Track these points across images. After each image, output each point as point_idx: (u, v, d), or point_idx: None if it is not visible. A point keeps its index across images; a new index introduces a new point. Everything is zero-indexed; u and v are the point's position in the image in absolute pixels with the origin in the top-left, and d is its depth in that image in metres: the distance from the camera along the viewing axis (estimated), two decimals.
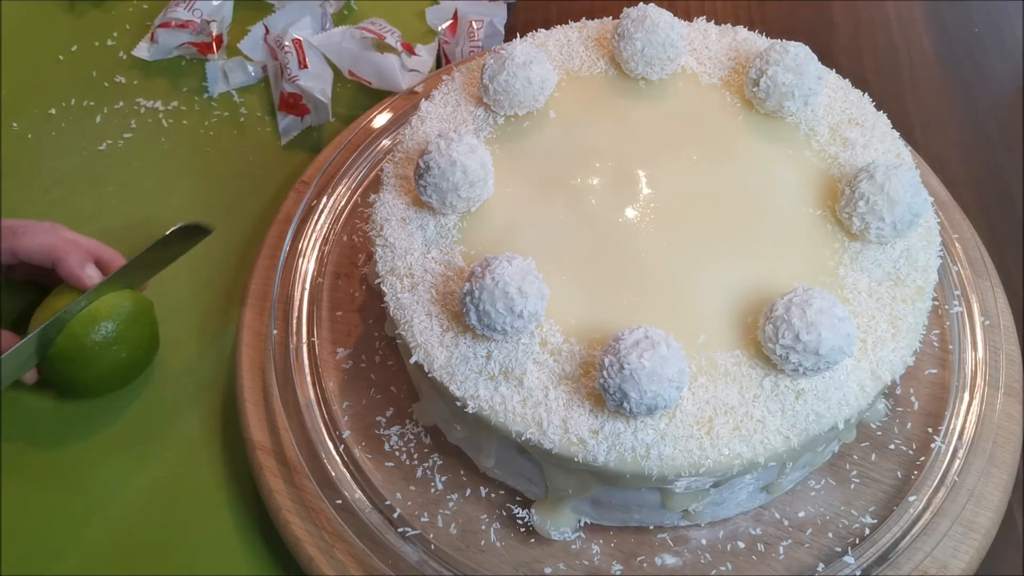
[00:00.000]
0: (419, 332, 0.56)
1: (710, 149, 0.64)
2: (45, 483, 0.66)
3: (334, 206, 0.75)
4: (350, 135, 0.80)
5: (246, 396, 0.66)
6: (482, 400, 0.54)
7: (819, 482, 0.63)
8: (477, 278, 0.53)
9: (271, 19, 0.89)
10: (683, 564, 0.60)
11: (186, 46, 0.90)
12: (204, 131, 0.87)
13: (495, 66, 0.63)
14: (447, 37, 0.92)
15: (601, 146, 0.64)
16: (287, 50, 0.85)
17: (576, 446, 0.52)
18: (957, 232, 0.72)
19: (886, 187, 0.56)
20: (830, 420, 0.53)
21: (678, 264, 0.58)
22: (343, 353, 0.69)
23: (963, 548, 0.59)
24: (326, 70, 0.86)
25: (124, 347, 0.66)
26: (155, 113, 0.88)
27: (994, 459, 0.62)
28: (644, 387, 0.49)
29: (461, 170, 0.57)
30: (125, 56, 0.92)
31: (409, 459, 0.64)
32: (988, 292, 0.69)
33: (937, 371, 0.67)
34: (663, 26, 0.64)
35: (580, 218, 0.60)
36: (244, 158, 0.85)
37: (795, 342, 0.51)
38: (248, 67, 0.90)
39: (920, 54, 0.95)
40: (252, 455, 0.64)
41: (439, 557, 0.59)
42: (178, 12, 0.90)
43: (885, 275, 0.58)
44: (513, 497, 0.63)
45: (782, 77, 0.62)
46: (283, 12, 0.90)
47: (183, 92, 0.89)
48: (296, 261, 0.71)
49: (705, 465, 0.51)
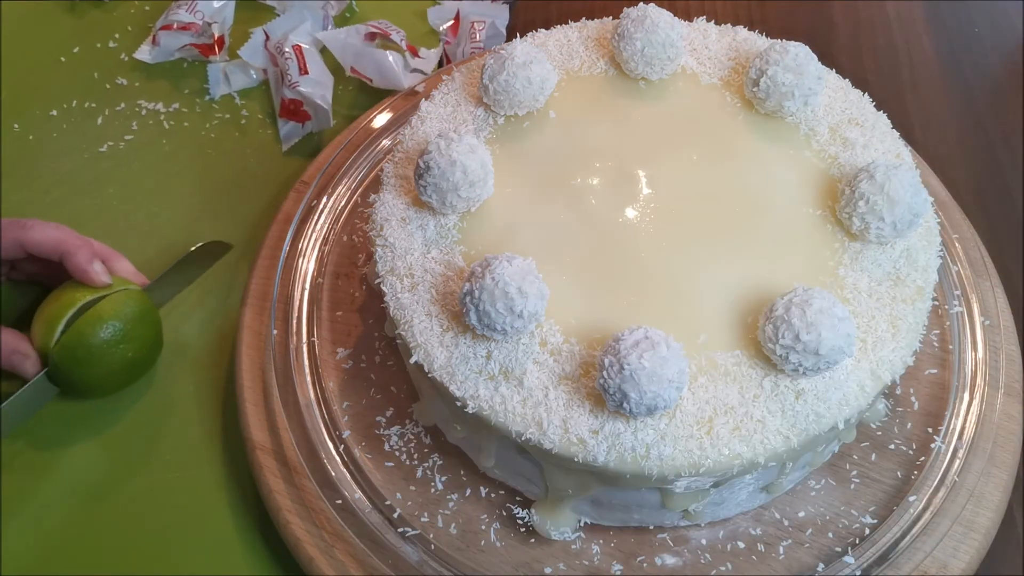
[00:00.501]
0: (419, 332, 0.56)
1: (710, 149, 0.64)
2: (45, 483, 0.66)
3: (334, 206, 0.75)
4: (350, 135, 0.80)
5: (246, 396, 0.66)
6: (482, 400, 0.54)
7: (819, 482, 0.63)
8: (477, 278, 0.53)
9: (271, 25, 0.89)
10: (683, 564, 0.60)
11: (188, 48, 0.90)
12: (205, 133, 0.87)
13: (495, 66, 0.63)
14: (448, 37, 0.92)
15: (601, 146, 0.64)
16: (287, 56, 0.85)
17: (576, 446, 0.52)
18: (957, 232, 0.72)
19: (886, 187, 0.56)
20: (830, 420, 0.53)
21: (678, 264, 0.58)
22: (343, 353, 0.69)
23: (963, 548, 0.59)
24: (326, 75, 0.86)
25: (130, 346, 0.66)
26: (156, 115, 0.88)
27: (994, 459, 0.62)
28: (644, 388, 0.49)
29: (461, 170, 0.57)
30: (127, 58, 0.92)
31: (409, 459, 0.64)
32: (988, 292, 0.69)
33: (937, 371, 0.67)
34: (663, 26, 0.64)
35: (580, 218, 0.60)
36: (245, 159, 0.85)
37: (795, 342, 0.51)
38: (250, 69, 0.90)
39: (920, 54, 0.95)
40: (252, 455, 0.64)
41: (439, 557, 0.59)
42: (180, 14, 0.90)
43: (885, 275, 0.58)
44: (513, 497, 0.63)
45: (782, 77, 0.62)
46: (284, 18, 0.90)
47: (184, 94, 0.89)
48: (296, 261, 0.71)
49: (705, 465, 0.51)
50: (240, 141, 0.86)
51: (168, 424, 0.69)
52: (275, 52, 0.86)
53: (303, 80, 0.84)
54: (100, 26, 0.95)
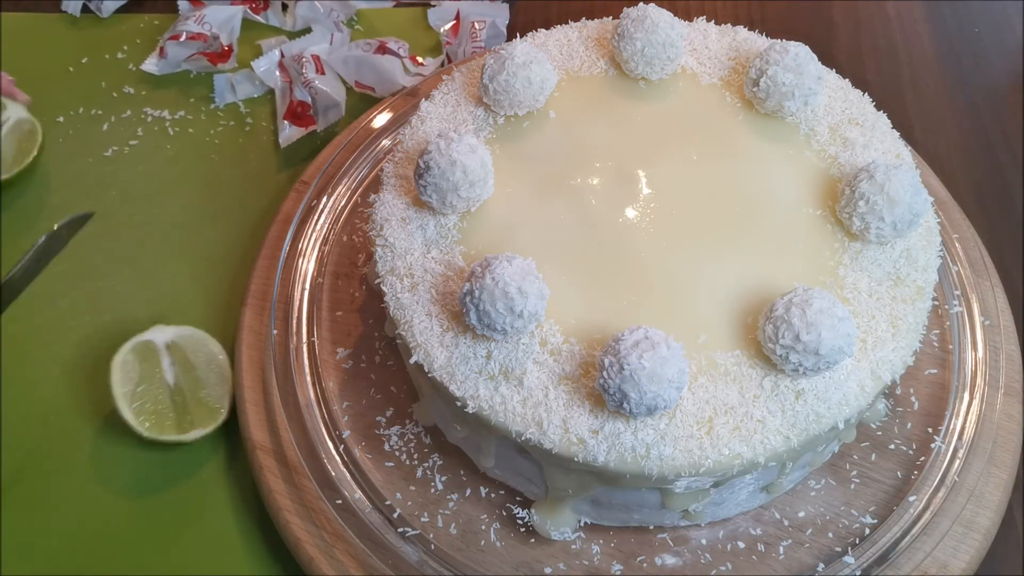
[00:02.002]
0: (419, 332, 0.56)
1: (710, 149, 0.64)
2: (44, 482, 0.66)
3: (334, 206, 0.75)
4: (350, 135, 0.80)
5: (246, 396, 0.66)
6: (482, 400, 0.54)
7: (819, 482, 0.63)
8: (477, 278, 0.53)
9: (288, 46, 0.91)
10: (683, 564, 0.60)
11: (196, 58, 0.91)
12: (209, 139, 0.87)
13: (495, 66, 0.63)
14: (449, 38, 0.92)
15: (601, 146, 0.64)
16: (305, 61, 0.86)
17: (576, 446, 0.52)
18: (957, 232, 0.72)
19: (886, 187, 0.56)
20: (830, 420, 0.53)
21: (678, 264, 0.58)
22: (343, 353, 0.69)
23: (963, 548, 0.59)
24: (339, 82, 0.88)
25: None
26: (161, 122, 0.88)
27: (994, 459, 0.62)
28: (644, 388, 0.49)
29: (461, 170, 0.57)
30: (134, 68, 0.92)
31: (409, 459, 0.64)
32: (988, 292, 0.69)
33: (937, 371, 0.67)
34: (663, 26, 0.64)
35: (580, 218, 0.60)
36: (247, 163, 0.85)
37: (795, 342, 0.51)
38: (256, 79, 0.90)
39: (920, 54, 0.95)
40: (252, 455, 0.64)
41: (439, 557, 0.59)
42: (188, 25, 0.90)
43: (885, 275, 0.58)
44: (513, 497, 0.63)
45: (782, 77, 0.62)
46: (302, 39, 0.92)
47: (190, 103, 0.90)
48: (296, 261, 0.71)
49: (705, 465, 0.51)
50: (243, 147, 0.87)
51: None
52: (291, 64, 0.87)
53: (319, 78, 0.85)
54: (109, 38, 0.95)
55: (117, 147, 0.86)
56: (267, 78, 0.89)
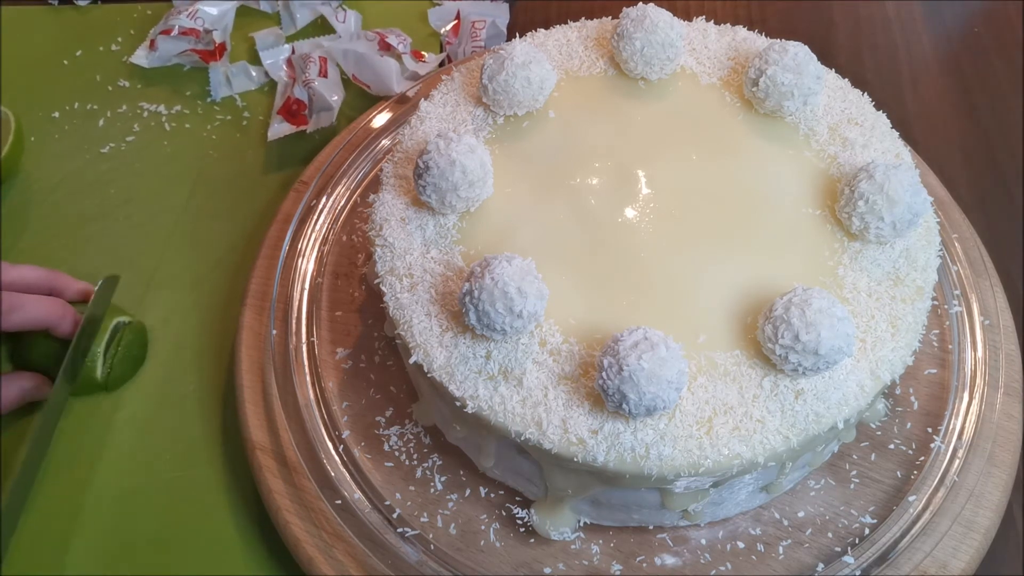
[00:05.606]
0: (418, 332, 0.56)
1: (709, 149, 0.64)
2: (45, 482, 0.66)
3: (333, 206, 0.75)
4: (350, 135, 0.80)
5: (246, 396, 0.66)
6: (481, 400, 0.54)
7: (819, 482, 0.63)
8: (476, 278, 0.53)
9: (300, 44, 0.91)
10: (683, 564, 0.60)
11: (188, 53, 0.90)
12: (207, 134, 0.87)
13: (494, 66, 0.63)
14: (450, 38, 0.92)
15: (600, 146, 0.64)
16: (312, 61, 0.86)
17: (575, 446, 0.52)
18: (957, 232, 0.72)
19: (886, 187, 0.56)
20: (830, 420, 0.53)
21: (677, 264, 0.58)
22: (343, 353, 0.69)
23: (963, 548, 0.59)
24: (340, 87, 0.88)
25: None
26: (158, 116, 0.88)
27: (994, 459, 0.62)
28: (643, 389, 0.49)
29: (460, 170, 0.57)
30: (128, 60, 0.92)
31: (409, 459, 0.64)
32: (988, 292, 0.69)
33: (937, 371, 0.67)
34: (662, 26, 0.64)
35: (579, 218, 0.60)
36: (245, 160, 0.85)
37: (795, 342, 0.51)
38: (251, 72, 0.90)
39: (920, 54, 0.95)
40: (252, 455, 0.64)
41: (439, 557, 0.59)
42: (180, 19, 0.90)
43: (885, 275, 0.58)
44: (513, 497, 0.63)
45: (781, 77, 0.62)
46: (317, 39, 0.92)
47: (186, 96, 0.90)
48: (296, 261, 0.72)
49: (705, 465, 0.51)
50: (241, 142, 0.87)
51: (168, 424, 0.69)
52: (298, 61, 0.87)
53: (320, 80, 0.85)
54: (102, 29, 0.95)
55: (114, 143, 0.86)
56: (273, 71, 0.89)
